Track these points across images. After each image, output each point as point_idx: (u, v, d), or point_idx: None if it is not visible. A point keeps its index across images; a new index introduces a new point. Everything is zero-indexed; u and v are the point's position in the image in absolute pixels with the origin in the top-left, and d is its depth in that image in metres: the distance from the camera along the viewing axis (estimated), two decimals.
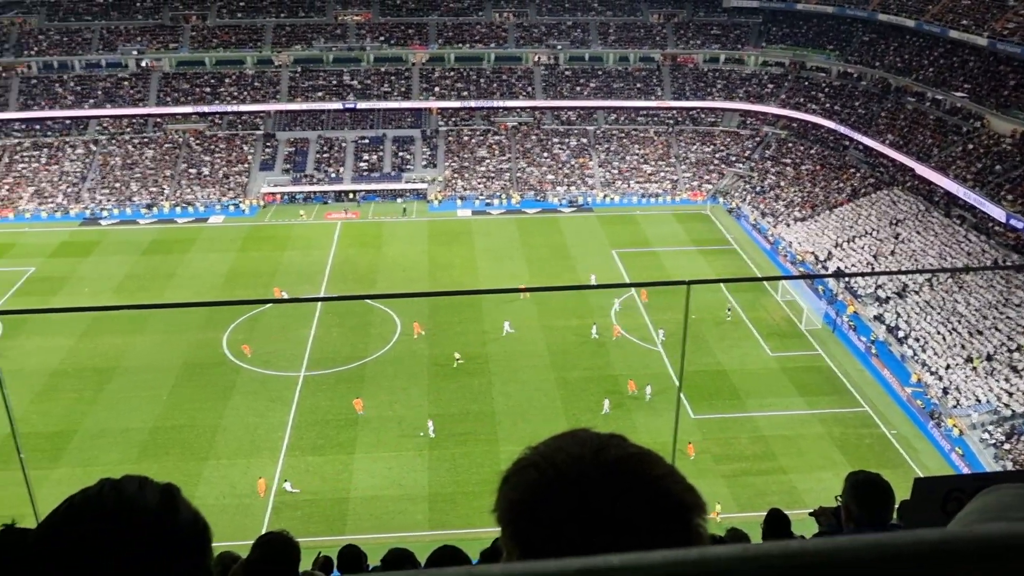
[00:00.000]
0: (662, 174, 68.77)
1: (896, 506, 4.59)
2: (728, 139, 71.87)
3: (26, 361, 39.50)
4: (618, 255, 54.66)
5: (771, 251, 56.59)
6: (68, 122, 70.46)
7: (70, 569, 1.35)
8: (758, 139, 71.13)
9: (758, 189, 65.18)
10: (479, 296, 47.56)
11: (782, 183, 64.69)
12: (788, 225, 58.96)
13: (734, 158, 69.97)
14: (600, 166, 69.55)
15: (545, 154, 70.49)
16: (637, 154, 70.50)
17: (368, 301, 47.30)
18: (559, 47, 75.16)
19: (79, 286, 50.26)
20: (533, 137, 72.00)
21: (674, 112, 73.60)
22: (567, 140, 71.86)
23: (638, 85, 73.92)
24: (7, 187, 65.33)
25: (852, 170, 62.33)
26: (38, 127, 70.02)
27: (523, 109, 73.53)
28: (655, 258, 54.18)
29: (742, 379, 39.64)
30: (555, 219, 62.21)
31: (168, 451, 34.01)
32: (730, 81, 73.70)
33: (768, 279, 53.83)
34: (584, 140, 71.91)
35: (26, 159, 67.82)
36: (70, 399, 37.71)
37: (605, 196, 66.37)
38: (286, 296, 47.21)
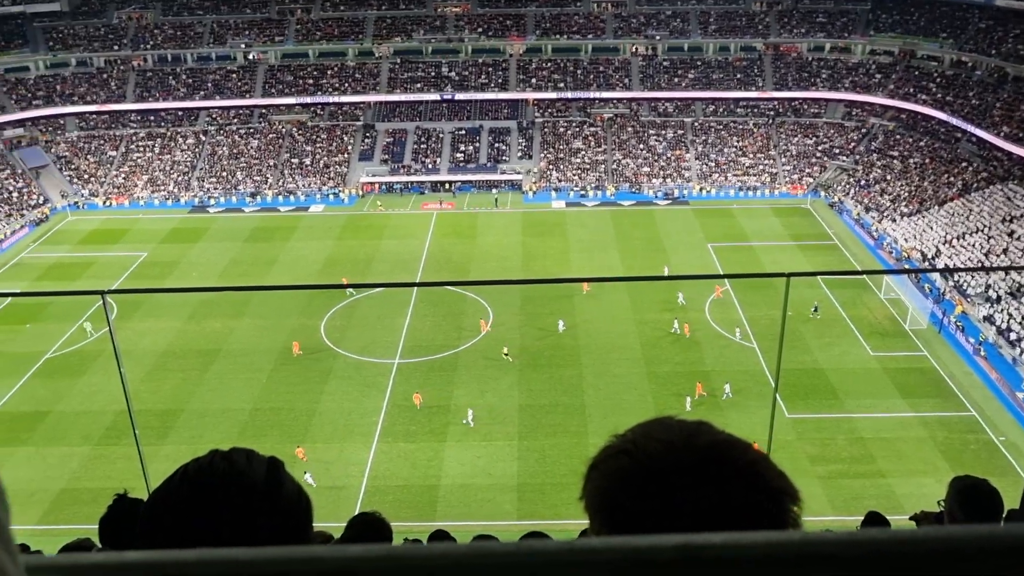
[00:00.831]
0: (761, 167, 67.26)
1: (1004, 515, 4.41)
2: (832, 131, 69.73)
3: (138, 342, 41.41)
4: (713, 249, 53.77)
5: (874, 247, 54.72)
6: (180, 113, 73.40)
7: (181, 533, 1.40)
8: (864, 131, 68.77)
9: (862, 183, 63.07)
10: (571, 287, 47.47)
11: (888, 177, 62.41)
12: (894, 220, 56.87)
13: (837, 151, 67.86)
14: (697, 158, 68.49)
15: (641, 146, 69.83)
16: (735, 146, 69.14)
17: (462, 291, 47.81)
18: (658, 37, 74.24)
19: (187, 271, 52.38)
20: (629, 129, 71.40)
21: (775, 103, 71.83)
22: (664, 132, 71.00)
23: (738, 75, 72.41)
24: (124, 175, 68.54)
25: (964, 164, 59.64)
26: (152, 118, 73.17)
27: (619, 100, 72.96)
28: (751, 253, 53.07)
29: (840, 378, 38.51)
30: (650, 211, 61.60)
31: (266, 432, 35.18)
32: (835, 71, 71.44)
33: (871, 272, 52.00)
34: (681, 132, 70.92)
35: (141, 148, 70.99)
36: (177, 379, 39.39)
37: (701, 189, 65.34)
38: (352, 292, 47.29)
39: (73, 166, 69.33)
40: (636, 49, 74.69)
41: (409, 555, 0.63)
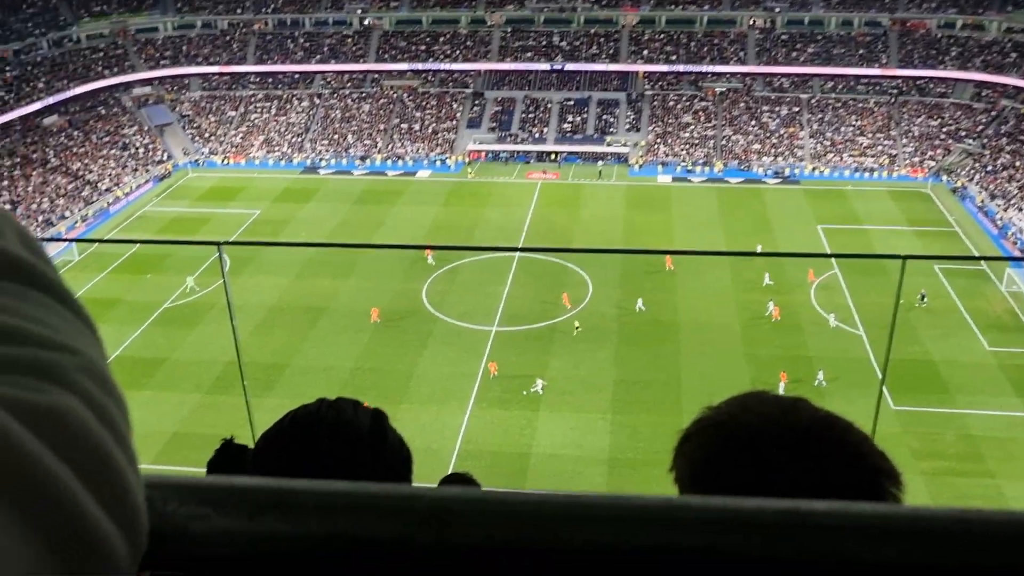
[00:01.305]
0: (879, 147, 64.62)
1: None
2: (959, 112, 66.33)
3: (248, 297, 43.04)
4: (823, 231, 52.13)
5: (997, 237, 52.03)
6: (296, 76, 75.32)
7: (287, 475, 1.43)
8: (994, 113, 65.14)
9: (989, 168, 59.87)
10: (675, 262, 46.88)
11: (1017, 163, 59.05)
12: (1020, 209, 53.88)
13: (964, 133, 64.54)
14: (811, 137, 66.30)
15: (753, 122, 68.02)
16: (853, 125, 66.58)
17: (563, 262, 47.79)
18: (777, 9, 71.87)
19: (297, 230, 54.03)
20: (741, 104, 69.60)
21: (899, 81, 68.74)
22: (778, 108, 68.94)
23: (860, 51, 69.52)
24: (241, 135, 70.97)
25: None
26: (270, 80, 75.35)
27: (733, 75, 71.15)
28: (864, 236, 51.23)
29: (952, 372, 36.96)
30: (758, 190, 60.08)
31: (366, 392, 36.13)
32: (966, 48, 67.77)
33: (993, 259, 49.37)
34: (796, 109, 68.72)
35: (259, 110, 73.28)
36: (283, 334, 40.82)
37: (814, 168, 63.28)
38: (432, 260, 47.32)
39: (195, 125, 72.16)
40: (754, 21, 72.54)
41: (507, 500, 0.64)
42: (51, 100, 65.38)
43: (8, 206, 55.42)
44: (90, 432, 0.58)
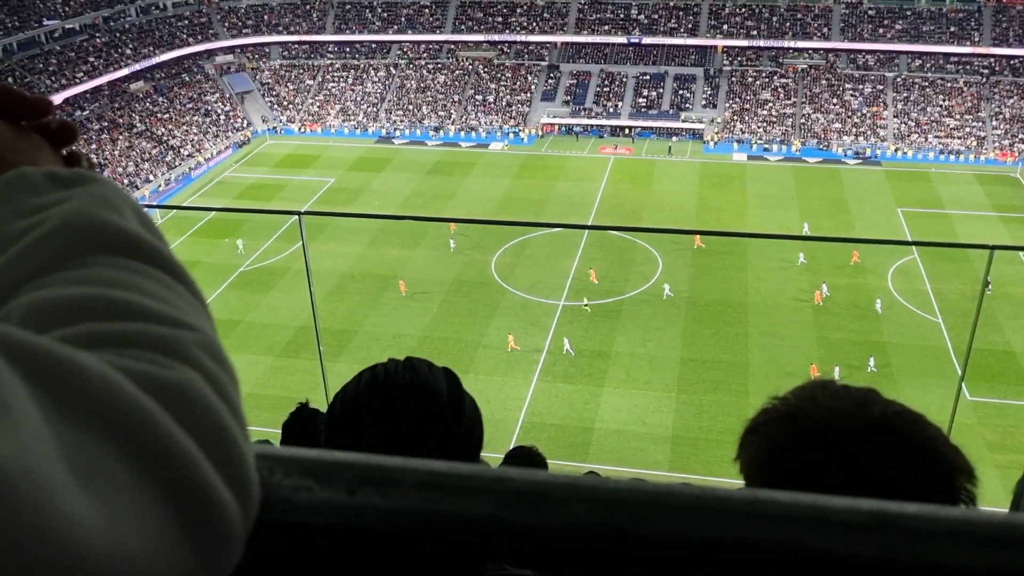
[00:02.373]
0: (967, 129, 62.30)
1: None
2: None
3: (321, 263, 43.86)
4: (903, 214, 50.63)
5: None
6: (373, 46, 75.95)
7: (366, 438, 1.45)
8: None
9: None
10: (745, 242, 46.15)
11: None
12: None
13: None
14: (895, 116, 64.26)
15: (834, 100, 66.21)
16: (940, 105, 64.28)
17: (633, 238, 47.47)
18: None
19: (370, 199, 54.75)
20: (823, 81, 67.77)
21: (991, 60, 66.00)
22: (861, 86, 66.93)
23: (952, 28, 66.92)
24: (319, 103, 72.00)
25: None
26: (348, 49, 76.13)
27: (815, 51, 69.25)
28: (946, 221, 49.61)
29: None
30: (837, 170, 58.57)
31: (434, 360, 36.51)
32: None
33: None
34: (880, 87, 66.63)
35: (336, 79, 74.18)
36: (354, 301, 41.56)
37: (897, 150, 61.37)
38: (453, 245, 46.65)
39: (274, 93, 73.44)
40: None
41: (594, 487, 0.65)
42: (138, 67, 67.24)
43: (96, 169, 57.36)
44: (210, 405, 0.62)
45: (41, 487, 0.45)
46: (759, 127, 64.92)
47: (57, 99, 59.73)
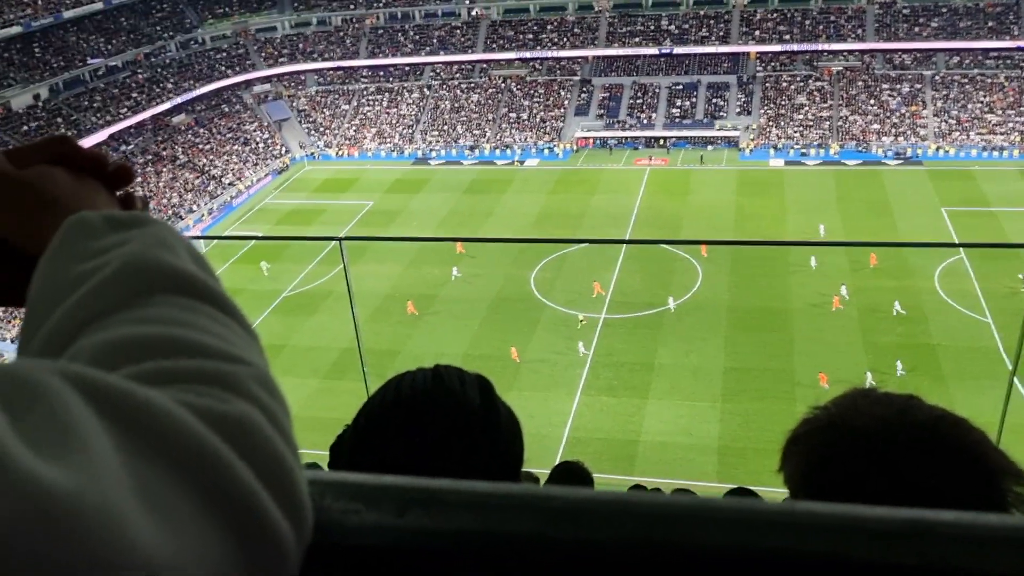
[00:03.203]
0: (1011, 124, 61.14)
1: None
2: None
3: (363, 284, 44.31)
4: (948, 213, 49.81)
5: None
6: (406, 69, 76.80)
7: (393, 455, 1.39)
8: None
9: None
10: (786, 249, 45.76)
11: None
12: None
13: None
14: (935, 115, 63.33)
15: (872, 101, 65.47)
16: (981, 102, 63.21)
17: (674, 249, 47.35)
18: None
19: (409, 220, 55.23)
20: (860, 83, 67.06)
21: None
22: (899, 86, 66.11)
23: (990, 23, 65.87)
24: (354, 128, 72.94)
25: None
26: (382, 73, 77.08)
27: (851, 52, 68.60)
28: (992, 219, 48.69)
29: None
30: (877, 172, 57.84)
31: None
32: None
33: None
34: (919, 86, 65.75)
35: (371, 103, 75.12)
36: (396, 321, 41.91)
37: (938, 148, 60.44)
38: (457, 272, 47.37)
39: (311, 119, 74.57)
40: None
41: (637, 502, 0.66)
42: (179, 99, 68.76)
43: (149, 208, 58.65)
44: (267, 437, 0.66)
45: (115, 520, 0.49)
46: (796, 132, 64.39)
47: (103, 135, 61.32)
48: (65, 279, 0.76)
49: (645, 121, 67.94)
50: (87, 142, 59.69)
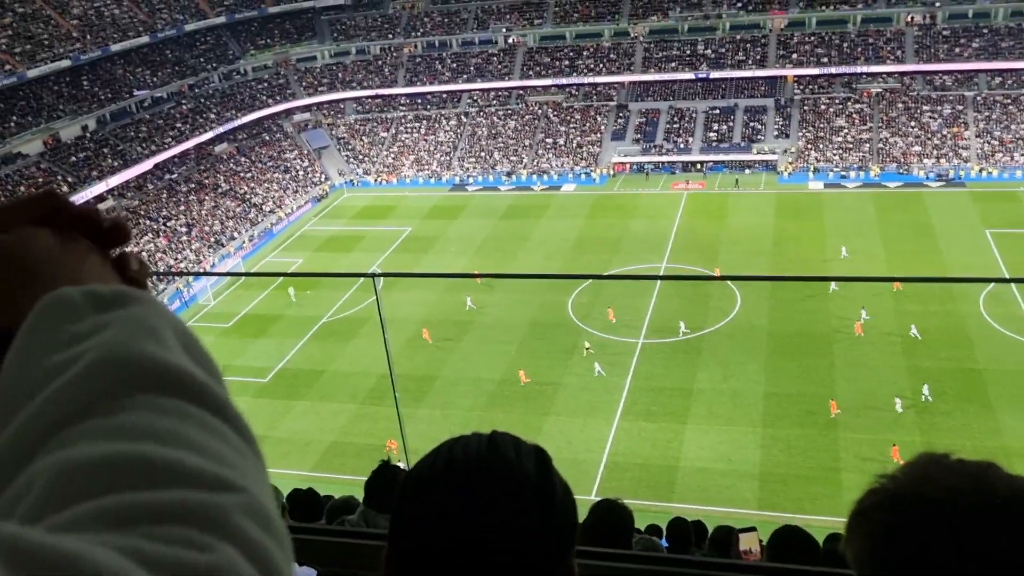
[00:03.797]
0: None
1: None
2: None
3: (399, 310, 44.60)
4: (992, 235, 48.94)
5: None
6: (444, 96, 77.59)
7: (441, 525, 1.33)
8: None
9: None
10: (824, 272, 45.35)
11: None
12: None
13: None
14: (978, 136, 62.45)
15: (912, 123, 64.77)
16: None
17: (711, 273, 47.12)
18: (937, 4, 68.22)
19: (447, 246, 55.57)
20: (899, 105, 66.41)
21: None
22: (939, 107, 65.36)
23: None
24: (393, 155, 73.74)
25: None
26: (420, 101, 77.95)
27: (890, 74, 68.00)
28: None
29: None
30: (919, 194, 57.10)
31: (514, 403, 36.75)
32: None
33: None
34: (960, 107, 64.93)
35: (409, 130, 75.95)
36: (433, 347, 42.06)
37: (981, 170, 59.54)
38: (471, 303, 47.64)
39: (350, 147, 75.55)
40: (912, 18, 69.13)
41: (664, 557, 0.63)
42: (221, 129, 70.11)
43: (184, 228, 59.83)
44: None
45: None
46: (835, 154, 63.86)
47: (148, 164, 62.64)
48: (35, 372, 0.68)
49: (682, 145, 67.83)
50: (132, 171, 61.09)
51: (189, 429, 0.64)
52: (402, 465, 5.68)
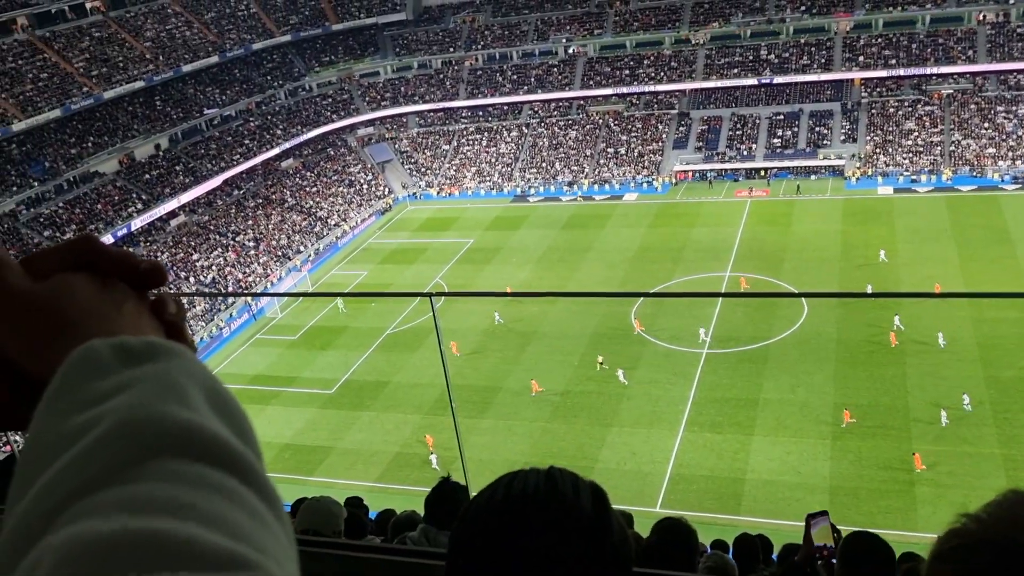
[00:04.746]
0: None
1: None
2: None
3: (463, 321, 44.89)
4: None
5: None
6: (505, 108, 77.98)
7: (495, 557, 1.34)
8: None
9: None
10: (895, 278, 44.17)
11: None
12: None
13: None
14: None
15: (986, 124, 62.84)
16: None
17: (777, 282, 46.36)
18: (1011, 1, 66.12)
19: (508, 257, 55.75)
20: (972, 106, 64.50)
21: None
22: (1015, 108, 63.27)
23: None
24: (455, 167, 74.33)
25: None
26: (481, 113, 78.46)
27: (961, 75, 66.12)
28: None
29: None
30: (994, 197, 55.35)
31: (577, 414, 36.62)
32: None
33: None
34: None
35: (470, 142, 76.48)
36: (496, 358, 42.19)
37: None
38: (499, 318, 47.44)
39: (413, 160, 76.39)
40: (984, 16, 67.16)
41: None
42: (287, 145, 71.60)
43: (252, 243, 61.19)
44: None
45: None
46: (904, 158, 62.32)
47: (217, 180, 64.29)
48: (59, 432, 0.67)
49: (745, 152, 66.94)
50: (203, 188, 62.75)
51: (207, 497, 0.62)
52: (454, 477, 5.70)
